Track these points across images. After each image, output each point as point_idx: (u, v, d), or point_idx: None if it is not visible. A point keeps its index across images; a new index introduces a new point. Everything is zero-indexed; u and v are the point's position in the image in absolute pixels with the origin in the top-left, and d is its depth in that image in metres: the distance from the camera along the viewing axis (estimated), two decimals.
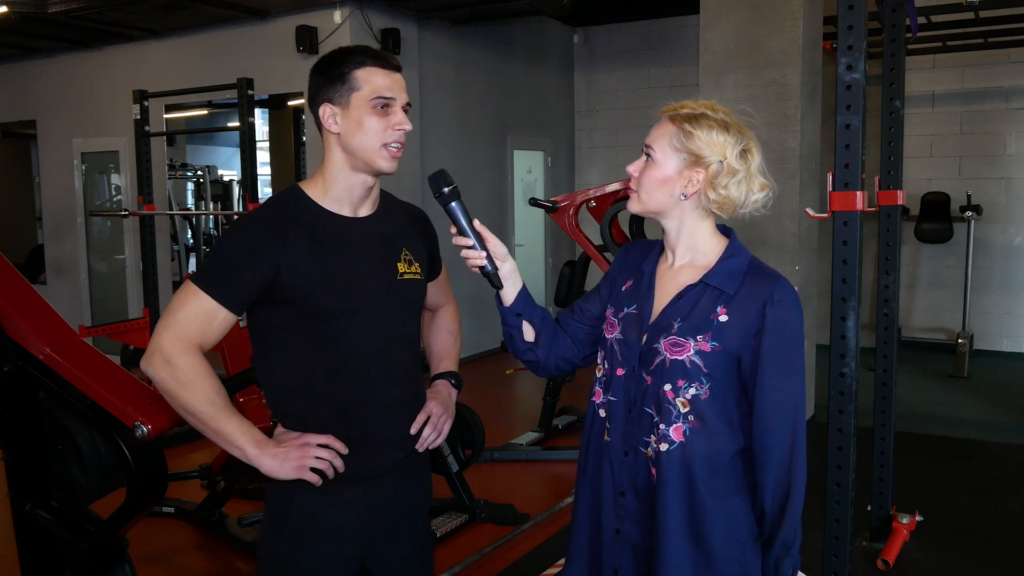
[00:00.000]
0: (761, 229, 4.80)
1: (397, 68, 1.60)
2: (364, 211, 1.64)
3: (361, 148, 1.56)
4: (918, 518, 3.51)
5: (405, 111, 1.59)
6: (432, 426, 1.69)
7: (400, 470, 1.66)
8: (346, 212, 1.62)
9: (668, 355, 1.46)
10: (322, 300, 1.54)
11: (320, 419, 1.57)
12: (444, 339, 1.87)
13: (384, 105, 1.55)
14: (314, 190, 1.61)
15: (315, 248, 1.55)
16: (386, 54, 1.60)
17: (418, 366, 1.74)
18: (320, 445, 1.54)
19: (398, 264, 1.65)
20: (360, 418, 1.60)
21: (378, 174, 1.60)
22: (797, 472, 1.44)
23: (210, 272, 1.54)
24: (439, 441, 1.71)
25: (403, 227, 1.71)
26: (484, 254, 1.54)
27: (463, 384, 1.85)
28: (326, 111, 1.57)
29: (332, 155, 1.60)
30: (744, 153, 1.47)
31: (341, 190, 1.60)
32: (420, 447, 1.69)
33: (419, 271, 1.69)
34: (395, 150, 1.57)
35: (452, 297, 1.93)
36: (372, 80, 1.55)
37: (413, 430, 1.66)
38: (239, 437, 1.52)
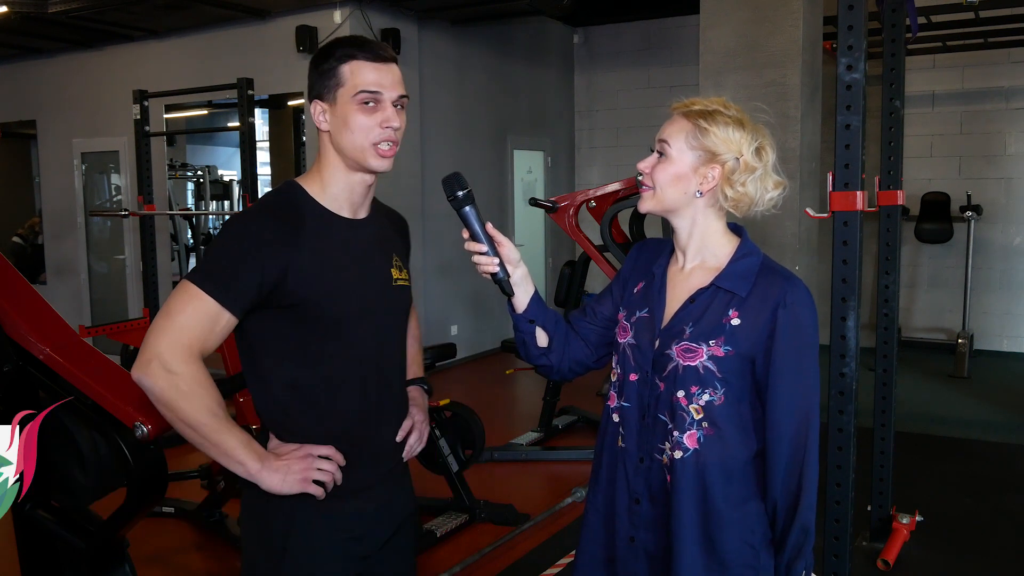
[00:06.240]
0: (761, 229, 4.79)
1: (388, 59, 1.48)
2: (363, 213, 1.58)
3: (350, 148, 1.47)
4: (918, 518, 3.51)
5: (401, 105, 1.49)
6: (417, 433, 1.67)
7: (388, 481, 1.62)
8: (346, 213, 1.54)
9: (681, 361, 1.44)
10: (328, 307, 1.46)
11: (321, 431, 1.50)
12: (412, 346, 1.78)
13: (371, 101, 1.45)
14: (313, 187, 1.53)
15: (322, 252, 1.47)
16: (376, 44, 1.49)
17: (404, 374, 1.71)
18: (322, 456, 1.48)
19: (392, 270, 1.60)
20: (360, 428, 1.55)
21: (373, 173, 1.53)
22: (808, 475, 1.42)
23: (212, 272, 1.41)
24: (420, 448, 1.69)
25: (391, 232, 1.68)
26: (497, 261, 1.49)
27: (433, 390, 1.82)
28: (317, 108, 1.50)
29: (326, 153, 1.52)
30: (759, 150, 1.46)
31: (339, 189, 1.52)
32: (406, 456, 1.66)
33: (408, 277, 1.65)
34: (386, 148, 1.48)
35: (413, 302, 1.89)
36: (357, 74, 1.45)
37: (399, 438, 1.63)
38: (240, 451, 1.42)
